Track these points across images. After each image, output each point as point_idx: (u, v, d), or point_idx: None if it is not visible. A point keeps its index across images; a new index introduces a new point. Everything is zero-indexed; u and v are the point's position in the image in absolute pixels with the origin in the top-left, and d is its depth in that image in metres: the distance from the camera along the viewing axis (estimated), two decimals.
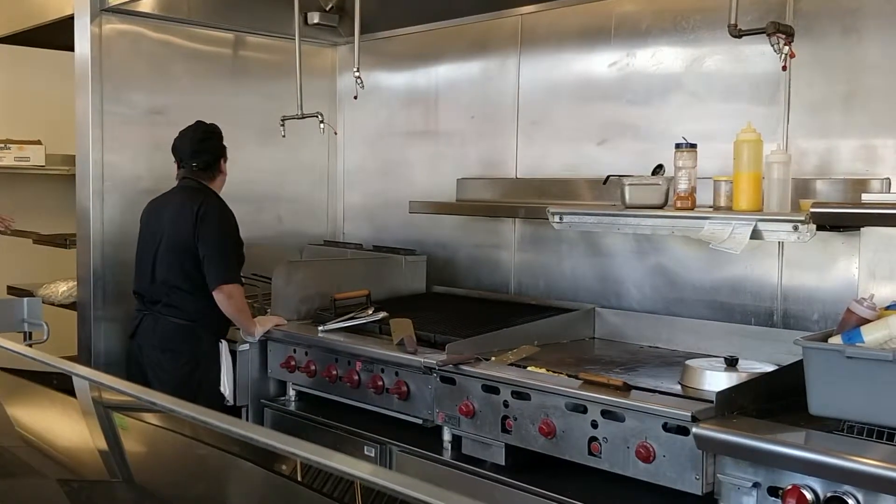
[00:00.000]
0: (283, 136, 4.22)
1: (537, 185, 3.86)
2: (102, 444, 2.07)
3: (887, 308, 2.41)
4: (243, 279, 3.95)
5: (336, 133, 4.58)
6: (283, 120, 4.19)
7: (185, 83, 4.38)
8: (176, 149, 3.71)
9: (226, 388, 3.53)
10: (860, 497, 2.09)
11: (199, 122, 3.73)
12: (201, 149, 3.66)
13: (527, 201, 3.78)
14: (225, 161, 3.76)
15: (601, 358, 3.19)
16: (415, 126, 4.47)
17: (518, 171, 4.00)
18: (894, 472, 2.02)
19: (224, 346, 3.58)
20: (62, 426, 2.09)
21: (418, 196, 4.27)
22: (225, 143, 3.79)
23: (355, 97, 3.89)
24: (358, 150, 4.80)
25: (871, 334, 2.28)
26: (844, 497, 2.09)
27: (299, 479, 1.80)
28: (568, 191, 3.71)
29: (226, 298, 3.49)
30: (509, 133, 4.01)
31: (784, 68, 2.77)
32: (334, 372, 3.38)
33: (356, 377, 3.29)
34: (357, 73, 3.79)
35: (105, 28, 4.11)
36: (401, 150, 4.54)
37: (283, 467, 1.78)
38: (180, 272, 3.53)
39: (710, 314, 3.34)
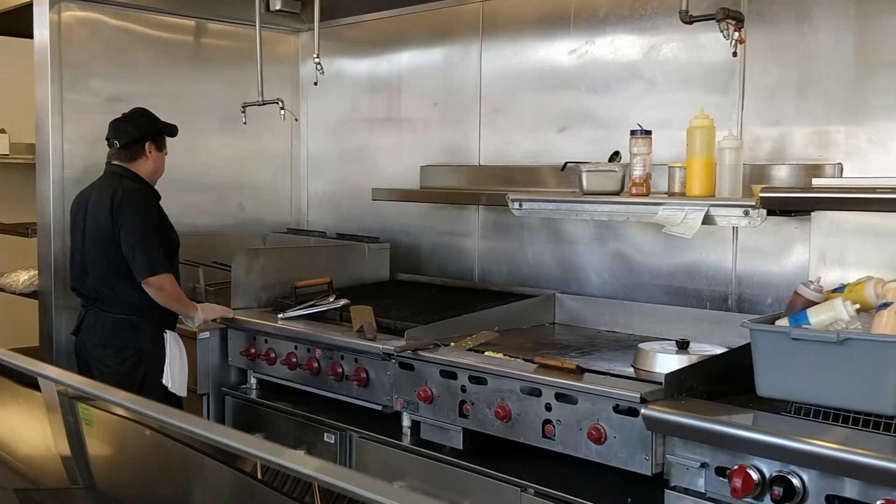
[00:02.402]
0: (245, 123, 4.22)
1: (500, 172, 3.87)
2: (66, 440, 2.07)
3: (834, 291, 2.45)
4: (202, 266, 3.96)
5: (297, 120, 4.57)
6: (243, 107, 4.19)
7: (145, 71, 4.34)
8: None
9: (169, 379, 3.42)
10: (804, 476, 2.13)
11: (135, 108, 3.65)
12: (124, 128, 3.52)
13: (490, 188, 3.80)
14: (157, 148, 3.55)
15: (559, 342, 3.22)
16: (378, 113, 4.47)
17: (481, 158, 4.01)
18: (837, 452, 2.06)
19: (170, 337, 3.47)
20: (27, 421, 2.09)
21: (382, 183, 4.27)
22: (185, 132, 3.76)
23: (315, 83, 3.91)
24: (321, 138, 4.79)
25: (817, 316, 2.31)
26: (789, 476, 2.13)
27: (259, 476, 1.81)
28: (531, 178, 3.73)
29: (156, 291, 3.37)
30: (472, 120, 4.02)
31: (734, 54, 2.81)
32: (294, 359, 3.38)
33: (316, 364, 3.30)
34: (317, 60, 3.79)
35: (64, 15, 4.06)
36: (364, 137, 4.54)
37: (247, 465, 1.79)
38: (109, 265, 3.41)
39: (666, 299, 3.38)
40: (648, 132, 3.06)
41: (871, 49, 2.88)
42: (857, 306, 2.29)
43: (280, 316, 3.51)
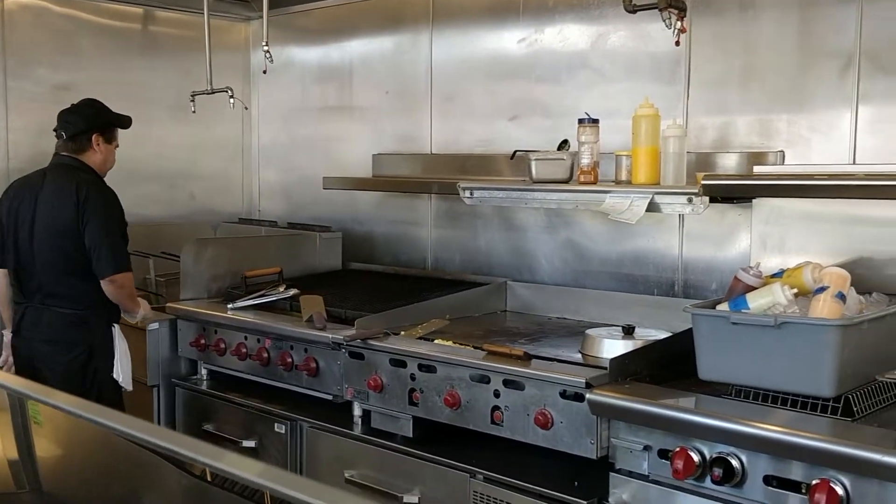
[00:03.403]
0: (194, 112, 4.18)
1: (452, 161, 3.88)
2: (14, 441, 2.03)
3: (773, 276, 2.50)
4: (152, 257, 3.92)
5: (246, 108, 4.53)
6: (192, 95, 4.15)
7: (92, 59, 4.28)
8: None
9: (119, 374, 3.38)
10: (743, 458, 2.17)
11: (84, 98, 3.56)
12: (70, 119, 3.43)
13: (442, 177, 3.80)
14: (105, 140, 3.46)
15: (509, 329, 3.25)
16: (330, 101, 4.45)
17: (433, 146, 4.01)
18: (774, 434, 2.11)
19: (117, 331, 3.42)
20: None
21: (335, 172, 4.26)
22: (135, 121, 3.68)
23: (265, 72, 3.89)
24: (273, 126, 4.76)
25: (756, 301, 2.36)
26: (728, 458, 2.18)
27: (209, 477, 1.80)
28: (483, 166, 3.74)
29: (116, 288, 3.32)
30: (424, 109, 4.02)
31: (677, 44, 2.84)
32: (244, 350, 3.37)
33: (266, 355, 3.28)
34: (266, 48, 3.77)
35: (7, 2, 4.00)
36: (316, 126, 4.52)
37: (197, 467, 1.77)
38: (64, 260, 3.32)
39: (615, 285, 3.42)
40: (596, 121, 3.09)
41: (812, 39, 2.93)
42: (795, 291, 2.34)
43: (229, 306, 3.49)
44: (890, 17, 2.74)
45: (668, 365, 2.57)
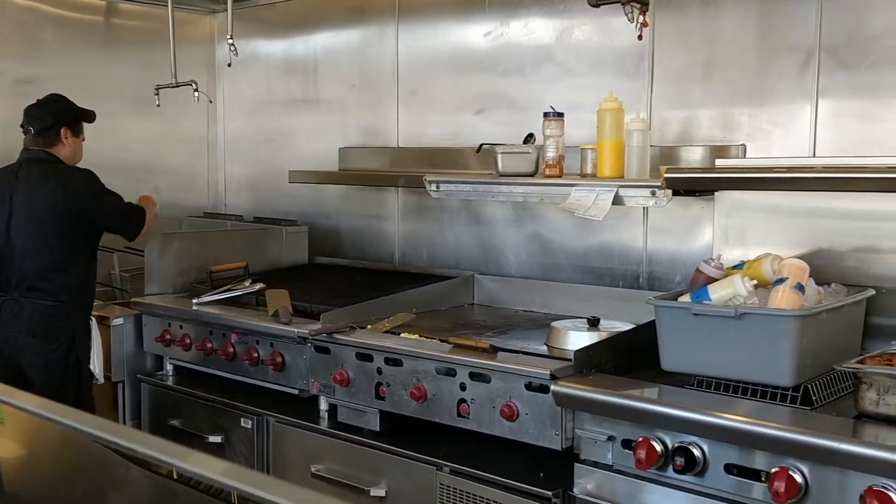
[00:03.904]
0: (158, 106, 4.14)
1: (419, 154, 3.88)
2: None
3: (734, 267, 2.53)
4: (117, 251, 3.90)
5: (211, 101, 4.49)
6: (156, 89, 4.11)
7: (55, 52, 4.23)
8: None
9: (95, 366, 3.42)
10: (705, 447, 2.20)
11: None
12: (37, 114, 3.44)
13: (409, 170, 3.80)
14: (73, 134, 3.48)
15: (476, 323, 3.26)
16: (295, 94, 4.43)
17: (399, 139, 4.01)
18: (734, 423, 2.14)
19: (94, 323, 3.46)
20: None
21: (301, 166, 4.24)
22: (98, 114, 3.66)
23: (229, 65, 3.86)
24: (238, 120, 4.73)
25: (717, 292, 2.39)
26: (690, 447, 2.20)
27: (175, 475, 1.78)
28: (451, 159, 3.74)
29: (144, 235, 3.57)
30: (390, 102, 4.01)
31: (640, 38, 2.86)
32: (209, 345, 3.35)
33: (231, 350, 3.27)
34: (231, 41, 3.74)
35: None
36: (282, 119, 4.49)
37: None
38: (46, 252, 3.33)
39: (581, 278, 3.44)
40: (561, 114, 3.10)
41: (772, 34, 2.96)
42: (755, 282, 2.38)
43: (195, 301, 3.47)
44: (849, 13, 2.78)
45: (632, 356, 2.60)
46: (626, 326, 2.80)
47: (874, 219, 2.61)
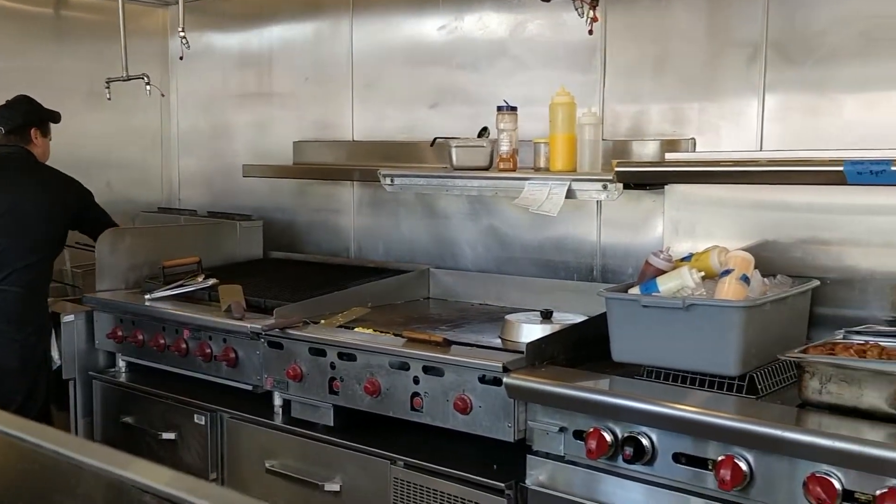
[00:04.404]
0: (109, 99, 4.09)
1: (375, 148, 3.87)
2: None
3: (682, 260, 2.57)
4: (67, 247, 3.85)
5: (163, 95, 4.43)
6: (107, 82, 4.06)
7: (2, 45, 4.14)
8: None
9: (56, 354, 3.54)
10: (653, 437, 2.23)
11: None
12: (7, 114, 3.58)
13: (365, 164, 3.79)
14: (42, 133, 3.66)
15: (431, 316, 3.26)
16: (249, 88, 4.40)
17: (355, 133, 4.00)
18: (681, 413, 2.17)
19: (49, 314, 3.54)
20: None
21: (255, 160, 4.21)
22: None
23: (181, 58, 3.83)
24: (192, 114, 4.68)
25: (666, 284, 2.42)
26: (639, 437, 2.23)
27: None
28: (406, 153, 3.73)
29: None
30: (345, 95, 4.00)
31: (590, 32, 2.89)
32: (162, 341, 3.32)
33: (184, 345, 3.24)
34: (182, 34, 3.71)
35: None
36: (236, 113, 4.46)
37: None
38: (28, 243, 3.45)
39: (536, 271, 3.46)
40: (514, 108, 3.12)
41: (721, 29, 3.00)
42: (703, 274, 2.42)
43: (147, 297, 3.43)
44: (795, 9, 2.83)
45: (585, 348, 2.63)
46: (579, 319, 2.82)
47: (819, 211, 2.67)
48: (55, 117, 3.70)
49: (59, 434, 1.54)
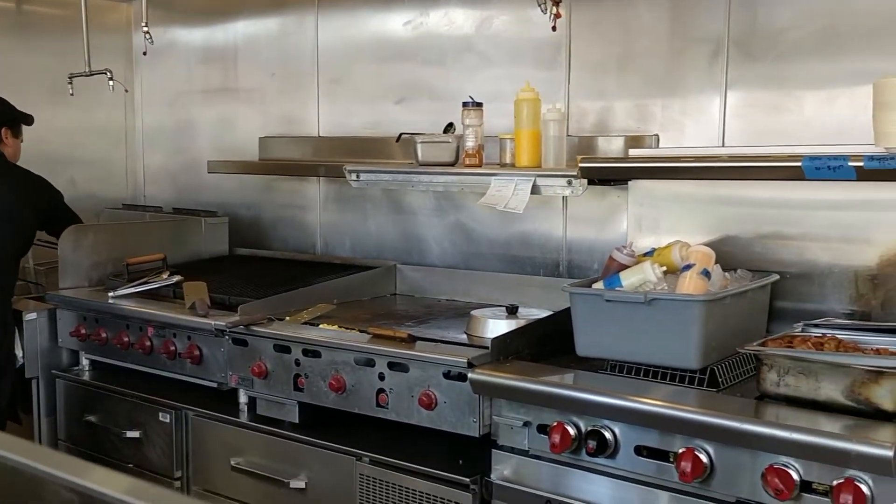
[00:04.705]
0: (72, 95, 4.05)
1: (340, 144, 3.86)
2: None
3: (645, 255, 2.59)
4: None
5: (126, 91, 4.38)
6: (70, 77, 4.01)
7: None
8: None
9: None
10: (616, 430, 2.25)
11: None
12: None
13: (331, 160, 3.78)
14: (13, 134, 3.64)
15: (397, 313, 3.26)
16: (215, 84, 4.36)
17: (321, 129, 3.98)
18: (643, 406, 2.18)
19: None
20: None
21: (222, 156, 4.18)
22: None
23: (145, 53, 3.79)
24: (157, 109, 4.64)
25: (629, 279, 2.44)
26: (602, 430, 2.25)
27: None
28: (372, 149, 3.73)
29: None
30: (310, 91, 3.98)
31: (553, 28, 2.90)
32: (126, 339, 3.29)
33: (148, 343, 3.21)
34: (146, 28, 3.68)
35: None
36: (201, 109, 4.42)
37: None
38: (10, 240, 3.44)
39: (503, 267, 3.47)
40: (479, 104, 3.12)
41: (684, 26, 3.03)
42: (664, 268, 2.44)
43: (111, 294, 3.40)
44: (756, 6, 2.85)
45: (550, 343, 2.64)
46: (544, 314, 2.84)
47: (779, 206, 2.70)
48: (28, 120, 3.69)
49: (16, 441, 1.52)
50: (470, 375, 2.44)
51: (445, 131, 3.29)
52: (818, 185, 2.51)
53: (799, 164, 2.31)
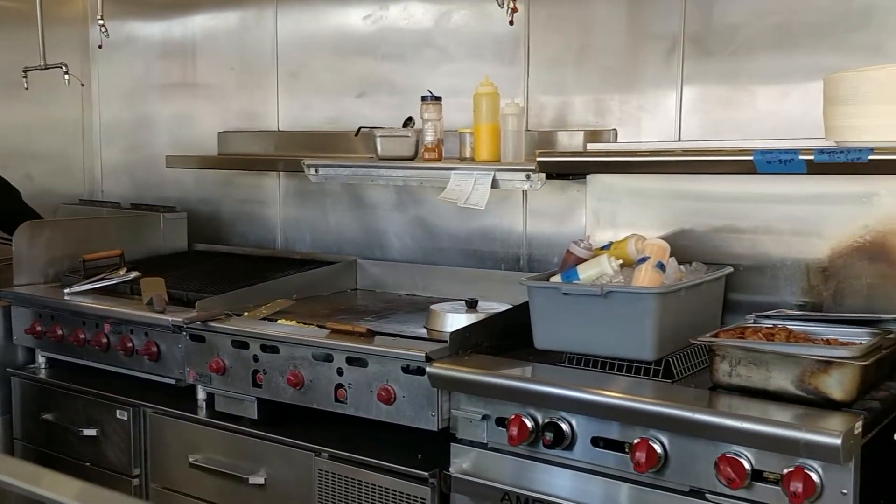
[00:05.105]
0: (27, 89, 3.99)
1: (300, 138, 3.84)
2: None
3: (602, 248, 2.61)
4: None
5: (83, 85, 4.32)
6: (24, 71, 3.95)
7: None
8: None
9: None
10: (573, 422, 2.26)
11: None
12: None
13: (291, 154, 3.75)
14: None
15: (357, 308, 3.26)
16: (173, 78, 4.31)
17: (280, 123, 3.96)
18: (598, 397, 2.21)
19: None
20: None
21: (181, 151, 4.14)
22: None
23: (100, 46, 3.75)
24: (115, 104, 4.57)
25: (586, 272, 2.46)
26: (559, 422, 2.26)
27: None
28: (332, 143, 3.70)
29: None
30: (270, 85, 3.95)
31: (511, 23, 2.90)
32: (82, 336, 3.25)
33: (105, 340, 3.18)
34: (101, 21, 3.63)
35: None
36: (160, 104, 4.37)
37: None
38: None
39: (464, 261, 3.47)
40: (438, 98, 3.12)
41: (640, 21, 3.05)
42: (621, 262, 2.46)
43: (66, 291, 3.35)
44: (712, 2, 2.88)
45: (509, 336, 2.65)
46: (504, 308, 2.85)
47: (733, 200, 2.74)
48: None
49: None
50: (428, 369, 2.45)
51: (405, 126, 3.28)
52: (771, 179, 2.55)
53: (751, 157, 2.34)
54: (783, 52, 2.78)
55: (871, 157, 2.20)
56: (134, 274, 3.34)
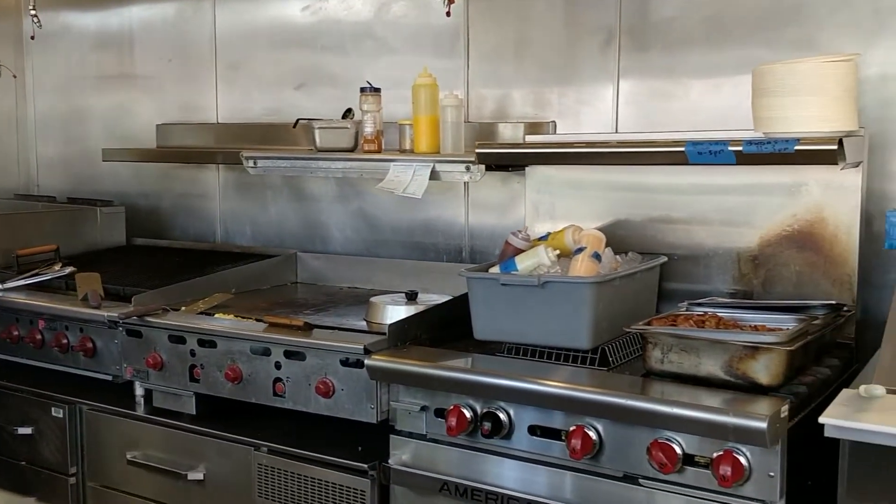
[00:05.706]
0: None
1: (240, 130, 3.80)
2: None
3: (539, 239, 2.64)
4: None
5: (15, 77, 4.22)
6: None
7: None
8: None
9: None
10: (511, 411, 2.28)
11: None
12: None
13: (230, 147, 3.71)
14: None
15: (297, 301, 3.24)
16: (110, 70, 4.23)
17: (219, 115, 3.91)
18: (534, 386, 2.22)
19: None
20: None
21: (118, 144, 4.07)
22: None
23: (32, 37, 3.66)
24: (50, 96, 4.47)
25: (524, 263, 2.48)
26: (497, 412, 2.28)
27: None
28: (272, 135, 3.66)
29: None
30: (208, 77, 3.90)
31: (448, 14, 2.91)
32: (16, 332, 3.18)
33: (39, 336, 3.12)
34: (33, 12, 3.55)
35: None
36: (97, 96, 4.29)
37: None
38: None
39: (406, 253, 3.47)
40: (377, 90, 3.12)
41: (578, 15, 3.08)
42: (558, 252, 2.49)
43: None
44: None
45: (449, 327, 2.65)
46: (444, 299, 2.86)
47: (668, 191, 2.78)
48: None
49: None
50: (367, 362, 2.44)
51: (344, 117, 3.27)
52: (704, 170, 2.60)
53: (683, 149, 2.38)
54: (716, 45, 2.83)
55: (797, 148, 2.26)
56: (69, 269, 3.28)
